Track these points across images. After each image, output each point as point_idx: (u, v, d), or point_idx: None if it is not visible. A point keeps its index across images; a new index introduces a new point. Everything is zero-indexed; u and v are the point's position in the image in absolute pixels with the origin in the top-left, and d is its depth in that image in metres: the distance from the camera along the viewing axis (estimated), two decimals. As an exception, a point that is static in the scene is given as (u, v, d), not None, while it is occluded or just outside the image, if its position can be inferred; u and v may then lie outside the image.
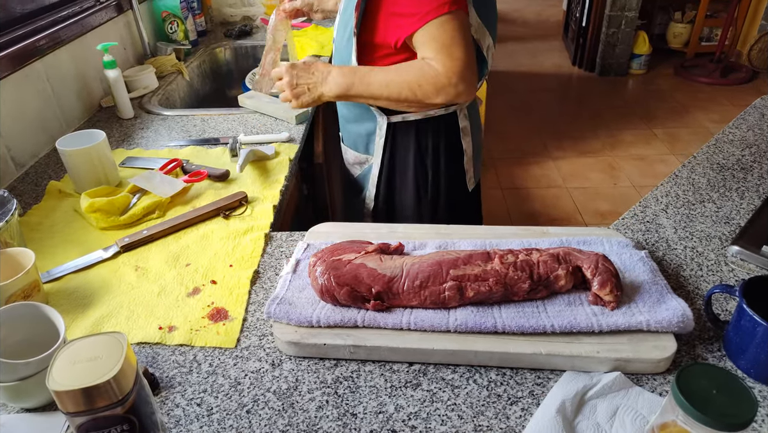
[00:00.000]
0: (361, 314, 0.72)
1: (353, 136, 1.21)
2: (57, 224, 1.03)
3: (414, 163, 1.15)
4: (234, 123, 1.41)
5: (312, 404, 0.65)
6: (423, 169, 1.15)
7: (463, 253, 0.76)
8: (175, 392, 0.68)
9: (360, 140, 1.19)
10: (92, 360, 0.51)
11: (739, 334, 0.67)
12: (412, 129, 1.12)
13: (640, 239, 0.91)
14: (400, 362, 0.70)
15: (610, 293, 0.71)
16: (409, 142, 1.13)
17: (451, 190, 1.19)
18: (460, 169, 1.19)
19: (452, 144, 1.15)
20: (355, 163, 1.24)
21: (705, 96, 3.68)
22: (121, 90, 1.43)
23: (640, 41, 3.94)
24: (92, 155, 1.09)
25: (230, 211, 1.03)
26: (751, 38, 3.92)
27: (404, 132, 1.12)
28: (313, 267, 0.77)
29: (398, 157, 1.15)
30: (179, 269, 0.89)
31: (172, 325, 0.78)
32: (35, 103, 1.28)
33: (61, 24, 1.36)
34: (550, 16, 5.45)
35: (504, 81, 4.06)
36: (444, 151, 1.15)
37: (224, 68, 2.04)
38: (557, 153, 3.09)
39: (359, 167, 1.23)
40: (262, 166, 1.19)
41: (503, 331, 0.69)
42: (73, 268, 0.90)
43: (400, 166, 1.16)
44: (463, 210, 1.25)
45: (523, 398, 0.65)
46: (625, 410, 0.64)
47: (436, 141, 1.13)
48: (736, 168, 1.10)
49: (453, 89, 0.95)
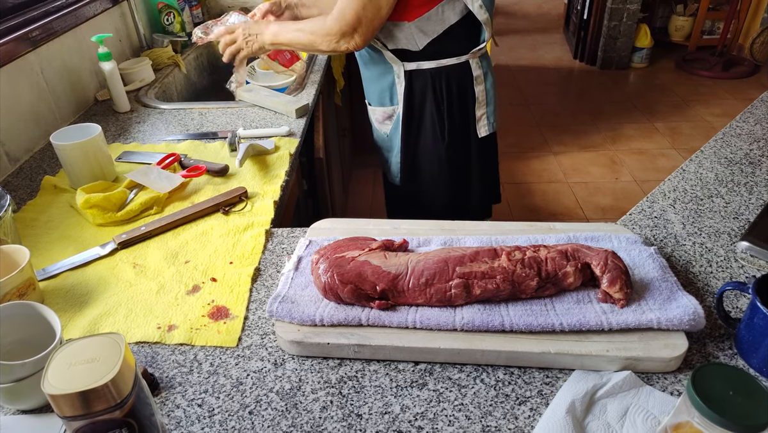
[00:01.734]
0: (365, 312, 0.71)
1: (378, 93, 1.32)
2: (52, 220, 1.01)
3: (430, 108, 1.25)
4: (233, 117, 1.39)
5: (316, 404, 0.64)
6: (439, 113, 1.26)
7: (469, 250, 0.74)
8: (175, 393, 0.66)
9: (385, 94, 1.30)
10: (89, 362, 0.49)
11: (752, 332, 0.66)
12: (428, 76, 1.22)
13: (648, 234, 0.90)
14: (406, 362, 0.69)
15: (620, 291, 0.69)
16: (426, 89, 1.23)
17: (465, 135, 1.29)
18: (473, 115, 1.28)
19: (465, 91, 1.25)
20: (385, 119, 1.34)
21: (707, 90, 3.66)
22: (117, 83, 1.41)
23: (641, 34, 3.91)
24: (88, 150, 1.06)
25: (230, 207, 1.01)
26: (754, 32, 3.89)
27: (420, 79, 1.23)
28: (316, 264, 0.75)
29: (416, 103, 1.26)
30: (178, 266, 0.87)
31: (172, 324, 0.76)
32: (29, 96, 1.25)
33: (55, 15, 1.34)
34: (550, 9, 5.42)
35: (504, 75, 4.03)
36: (457, 98, 1.25)
37: (222, 61, 2.01)
38: (558, 147, 3.07)
39: (389, 121, 1.33)
40: (262, 161, 1.16)
41: (511, 329, 0.68)
42: (69, 265, 0.88)
43: (419, 111, 1.27)
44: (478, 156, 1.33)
45: (531, 397, 0.64)
46: (636, 410, 0.62)
47: (449, 87, 1.23)
48: (744, 162, 1.08)
49: (334, 43, 1.13)
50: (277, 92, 1.45)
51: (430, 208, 1.38)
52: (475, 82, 1.24)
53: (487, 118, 1.29)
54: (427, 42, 1.17)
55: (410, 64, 1.21)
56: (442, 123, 1.26)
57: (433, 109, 1.25)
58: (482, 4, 1.14)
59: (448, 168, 1.32)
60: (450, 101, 1.24)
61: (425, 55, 1.19)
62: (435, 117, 1.26)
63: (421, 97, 1.25)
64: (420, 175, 1.34)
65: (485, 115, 1.28)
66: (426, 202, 1.38)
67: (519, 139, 3.17)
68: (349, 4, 1.08)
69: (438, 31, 1.16)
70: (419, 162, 1.33)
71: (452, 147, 1.29)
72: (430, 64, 1.20)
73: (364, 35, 1.11)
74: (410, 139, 1.31)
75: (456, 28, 1.16)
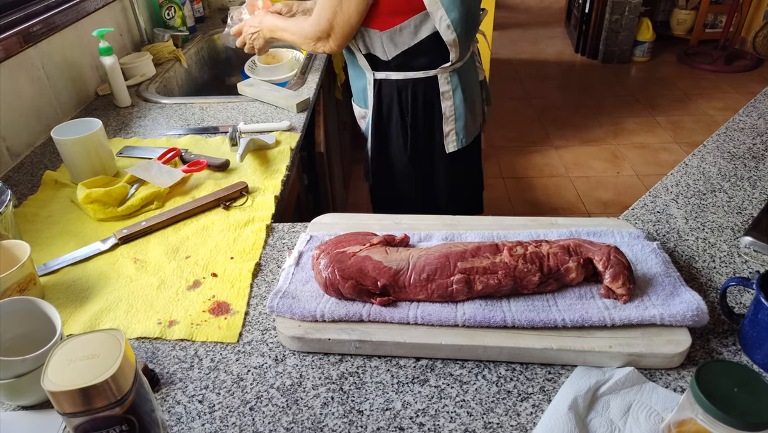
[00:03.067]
0: (366, 307, 0.70)
1: (356, 92, 1.35)
2: (53, 215, 1.01)
3: (396, 118, 1.27)
4: (233, 111, 1.39)
5: (317, 400, 0.64)
6: (404, 124, 1.27)
7: (470, 245, 0.74)
8: (176, 389, 0.66)
9: (360, 95, 1.33)
10: (89, 358, 0.49)
11: (756, 328, 0.65)
12: (394, 86, 1.23)
13: (651, 229, 0.89)
14: (407, 357, 0.68)
15: (623, 286, 0.69)
16: (392, 98, 1.25)
17: (429, 148, 1.31)
18: (439, 130, 1.28)
19: (431, 105, 1.25)
20: (360, 117, 1.39)
21: (709, 84, 3.64)
22: (118, 77, 1.40)
23: (643, 28, 3.89)
24: (88, 145, 1.06)
25: (230, 202, 1.00)
26: (756, 25, 3.87)
27: (388, 88, 1.24)
28: (317, 260, 0.74)
29: (384, 111, 1.28)
30: (179, 261, 0.87)
31: (173, 319, 0.76)
32: (30, 91, 1.25)
33: (56, 9, 1.33)
34: (552, 3, 5.38)
35: (505, 69, 4.01)
36: (422, 111, 1.25)
37: (223, 55, 2.01)
38: (559, 142, 3.06)
39: (363, 121, 1.37)
40: (263, 156, 1.16)
41: (513, 325, 0.67)
42: (70, 260, 0.88)
43: (387, 119, 1.29)
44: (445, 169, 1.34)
45: (533, 394, 0.64)
46: (639, 407, 0.62)
47: (415, 100, 1.24)
48: (747, 157, 1.08)
49: (312, 46, 1.19)
50: (278, 87, 1.45)
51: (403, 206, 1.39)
52: (442, 98, 1.23)
53: (456, 134, 1.28)
54: (397, 53, 1.17)
55: (379, 74, 1.22)
56: (405, 133, 1.27)
57: (398, 119, 1.26)
58: (450, 25, 1.12)
59: (413, 176, 1.33)
60: (415, 113, 1.25)
61: (394, 66, 1.20)
62: (399, 128, 1.27)
63: (388, 106, 1.26)
64: (388, 179, 1.36)
65: (453, 131, 1.27)
66: (395, 204, 1.40)
67: (520, 134, 3.16)
68: (323, 12, 1.13)
69: (408, 43, 1.15)
70: (387, 166, 1.35)
71: (415, 157, 1.30)
72: (397, 75, 1.21)
73: (337, 40, 1.16)
74: (379, 143, 1.32)
75: (426, 43, 1.15)
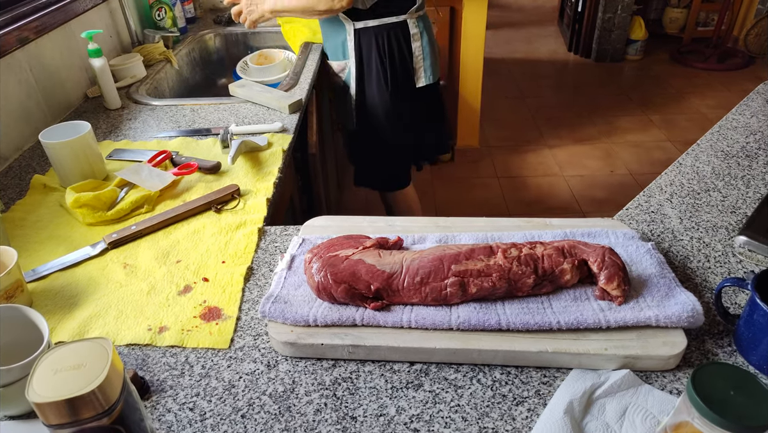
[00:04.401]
0: (359, 312, 0.70)
1: (333, 48, 1.58)
2: (42, 219, 0.99)
3: (376, 61, 1.51)
4: (225, 113, 1.37)
5: (310, 407, 0.63)
6: (383, 66, 1.51)
7: (464, 247, 0.73)
8: (166, 397, 0.65)
9: (338, 49, 1.56)
10: (75, 368, 0.48)
11: (751, 329, 0.65)
12: (372, 33, 1.48)
13: (645, 229, 0.89)
14: (401, 362, 0.68)
15: (618, 288, 0.69)
16: (371, 44, 1.50)
17: (406, 84, 1.56)
18: (411, 68, 1.55)
19: (403, 47, 1.51)
20: (339, 71, 1.60)
21: (701, 82, 3.66)
22: (108, 79, 1.38)
23: (636, 27, 3.90)
24: (77, 148, 1.04)
25: (222, 205, 0.99)
26: (748, 23, 3.89)
27: (367, 36, 1.49)
28: (309, 264, 0.73)
29: (364, 57, 1.52)
30: (169, 266, 0.86)
31: (163, 325, 0.75)
32: (17, 94, 1.23)
33: (44, 11, 1.31)
34: (545, 2, 5.39)
35: (499, 68, 4.01)
36: (397, 52, 1.51)
37: (214, 56, 1.99)
38: (553, 141, 3.06)
39: (343, 73, 1.60)
40: (255, 158, 1.15)
41: (507, 328, 0.67)
42: (59, 266, 0.86)
43: (367, 64, 1.53)
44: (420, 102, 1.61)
45: (529, 398, 0.63)
46: (635, 409, 0.62)
47: (390, 43, 1.50)
48: (740, 155, 1.08)
49: (331, 2, 1.37)
50: (270, 88, 1.44)
51: (383, 148, 1.65)
52: (412, 39, 1.50)
53: (424, 71, 1.55)
54: (374, 2, 1.43)
55: (359, 23, 1.47)
56: (385, 74, 1.52)
57: (377, 62, 1.50)
58: None
59: (393, 111, 1.57)
60: (391, 55, 1.50)
61: (371, 14, 1.44)
62: (379, 69, 1.51)
63: (367, 52, 1.50)
64: (372, 119, 1.59)
65: (422, 68, 1.55)
66: (379, 143, 1.64)
67: (514, 133, 3.16)
68: None
69: None
70: (370, 107, 1.58)
71: (396, 94, 1.54)
72: (374, 22, 1.46)
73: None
74: (361, 88, 1.56)
75: None
